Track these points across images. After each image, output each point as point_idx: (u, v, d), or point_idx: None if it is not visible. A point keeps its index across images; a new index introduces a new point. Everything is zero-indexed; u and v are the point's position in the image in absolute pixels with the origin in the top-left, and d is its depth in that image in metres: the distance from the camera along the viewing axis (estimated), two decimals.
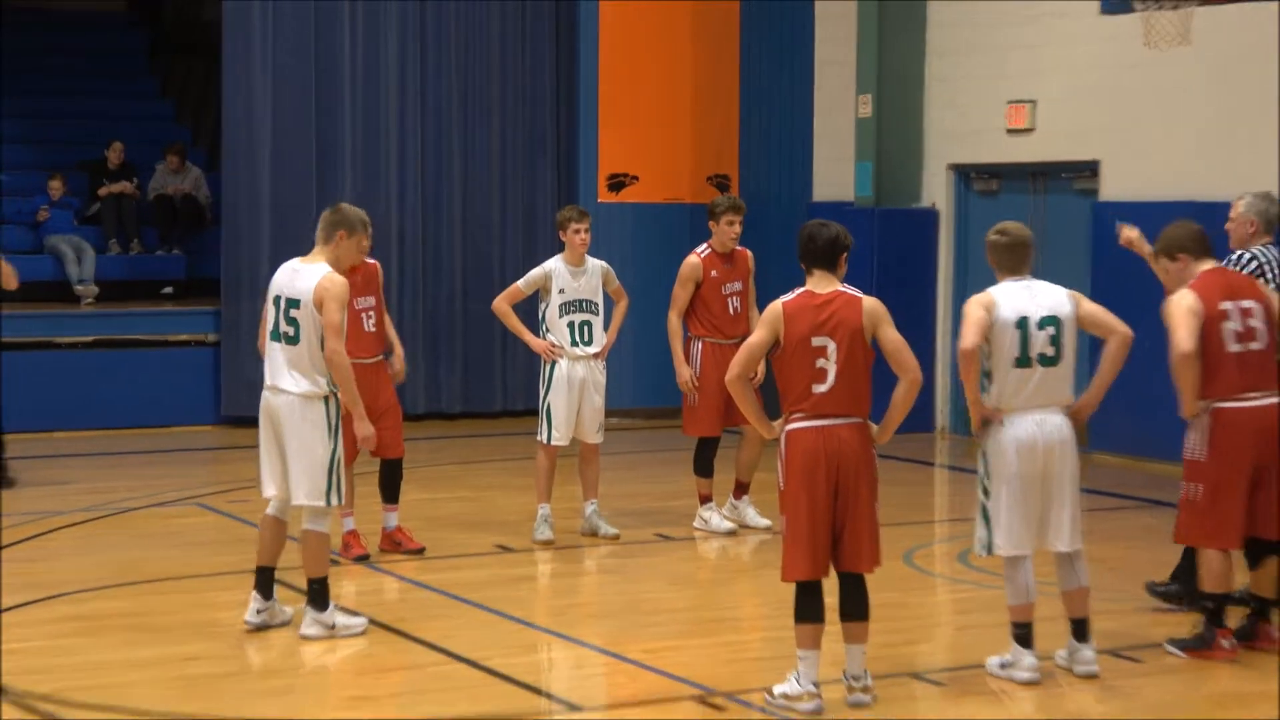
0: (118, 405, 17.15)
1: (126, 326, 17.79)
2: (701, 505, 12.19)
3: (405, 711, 8.07)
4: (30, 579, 10.67)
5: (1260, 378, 8.64)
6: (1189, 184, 14.37)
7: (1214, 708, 8.13)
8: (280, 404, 8.90)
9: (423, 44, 17.92)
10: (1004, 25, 16.43)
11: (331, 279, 8.75)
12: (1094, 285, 14.48)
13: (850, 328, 7.75)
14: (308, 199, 16.18)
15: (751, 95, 18.52)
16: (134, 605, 10.12)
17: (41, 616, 9.76)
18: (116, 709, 7.81)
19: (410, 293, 16.85)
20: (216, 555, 11.15)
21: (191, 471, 14.41)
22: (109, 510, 13.04)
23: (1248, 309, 8.63)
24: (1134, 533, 11.70)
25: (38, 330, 16.82)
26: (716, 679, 8.42)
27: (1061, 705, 8.11)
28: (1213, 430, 8.66)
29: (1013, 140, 16.47)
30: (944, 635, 9.69)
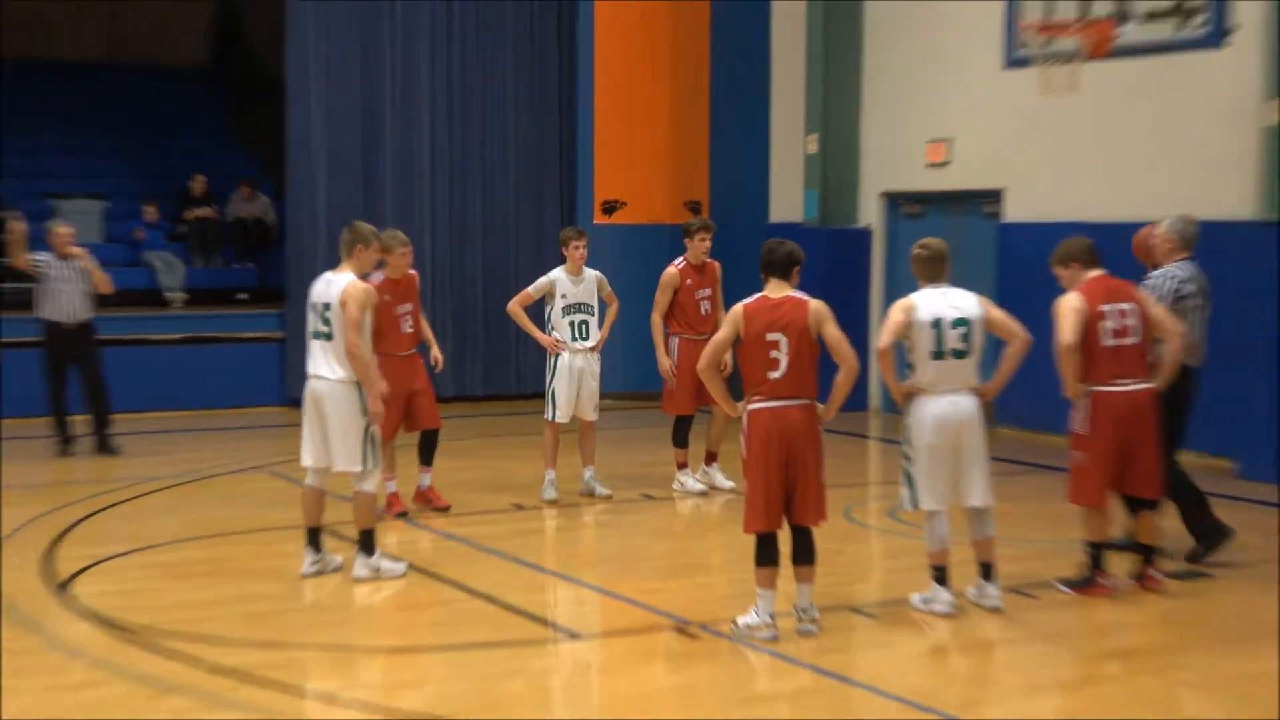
0: (200, 390, 17.15)
1: (208, 326, 17.77)
2: (679, 471, 12.21)
3: (437, 640, 8.09)
4: (131, 532, 10.70)
5: (1132, 368, 8.72)
6: (1078, 208, 14.33)
7: (1095, 634, 8.21)
8: (322, 388, 9.02)
9: (450, 88, 17.87)
10: (925, 77, 16.41)
11: (354, 285, 8.87)
12: (999, 292, 14.45)
13: (799, 325, 7.81)
14: (356, 219, 16.12)
15: (719, 134, 18.47)
16: (213, 554, 10.12)
17: (140, 562, 9.78)
18: (198, 637, 7.82)
19: (440, 296, 16.77)
20: (282, 513, 11.10)
21: (261, 445, 14.37)
22: (193, 476, 13.03)
23: (1125, 310, 8.72)
24: (1031, 493, 11.70)
25: (136, 329, 16.80)
26: (691, 612, 8.45)
27: (971, 633, 8.18)
28: (1093, 410, 8.74)
29: (933, 172, 16.45)
30: (876, 577, 9.69)
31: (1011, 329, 8.34)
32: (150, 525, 10.97)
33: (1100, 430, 8.70)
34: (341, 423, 8.93)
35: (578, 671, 7.73)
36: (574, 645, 8.07)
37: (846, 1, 17.19)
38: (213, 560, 9.90)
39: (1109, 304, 8.70)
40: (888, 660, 7.70)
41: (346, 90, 17.41)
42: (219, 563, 9.82)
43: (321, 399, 9.01)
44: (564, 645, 8.08)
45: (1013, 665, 7.66)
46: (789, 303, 7.90)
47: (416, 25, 17.69)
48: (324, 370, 8.98)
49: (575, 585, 9.44)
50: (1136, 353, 8.73)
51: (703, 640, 7.94)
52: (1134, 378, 8.71)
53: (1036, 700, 7.08)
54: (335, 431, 8.97)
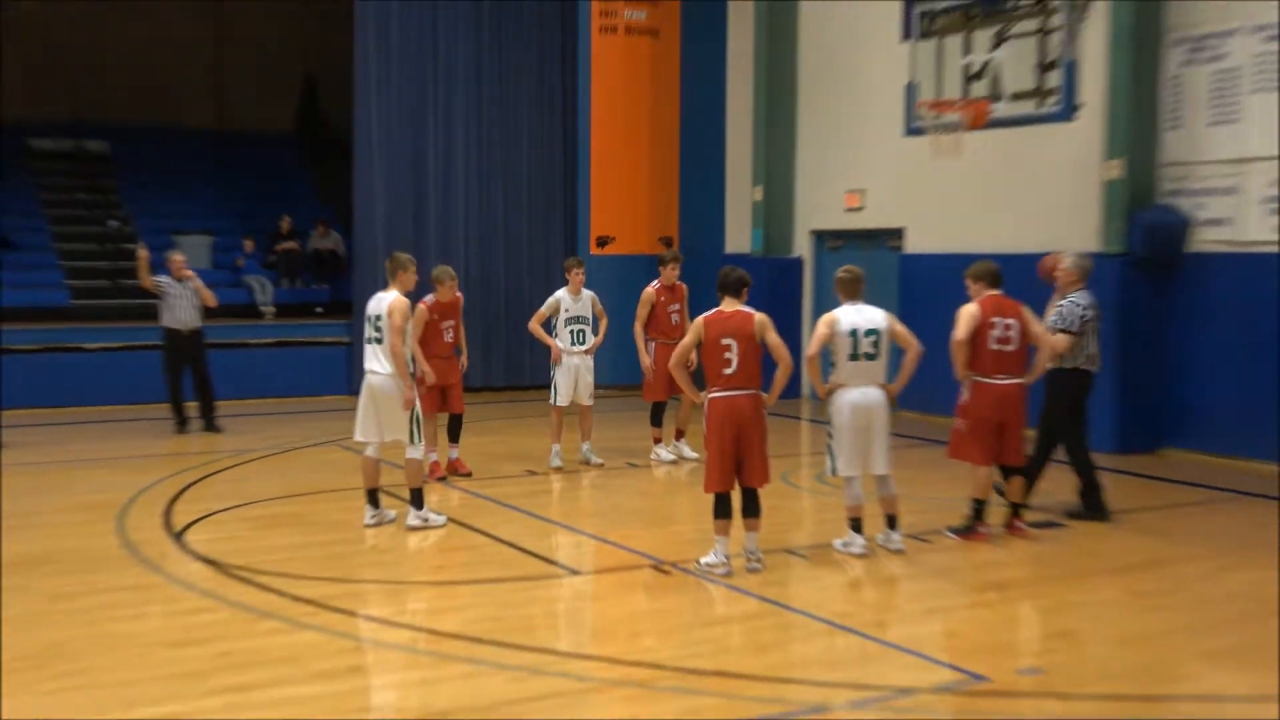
0: (285, 382, 17.08)
1: (291, 333, 17.67)
2: (655, 445, 12.17)
3: (468, 575, 8.08)
4: (233, 491, 10.66)
5: (1010, 368, 8.78)
6: (961, 243, 14.30)
7: (976, 570, 8.19)
8: (376, 381, 9.13)
9: (479, 148, 17.79)
10: (844, 142, 16.39)
11: (397, 300, 9.06)
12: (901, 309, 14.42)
13: (746, 333, 7.87)
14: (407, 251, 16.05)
15: (687, 185, 18.41)
16: (295, 509, 10.09)
17: (238, 516, 9.75)
18: (284, 574, 7.83)
19: (471, 309, 16.49)
20: (348, 478, 11.03)
21: (331, 425, 14.27)
22: (279, 449, 13.00)
23: (1009, 324, 8.78)
24: (926, 461, 11.69)
25: (236, 335, 16.74)
26: (665, 553, 8.44)
27: (879, 570, 8.16)
28: (975, 393, 8.82)
29: (850, 215, 16.43)
30: (807, 526, 9.67)
31: (909, 340, 8.38)
32: (246, 487, 10.93)
33: (979, 409, 8.78)
34: (391, 407, 9.05)
35: (577, 599, 7.71)
36: (574, 580, 8.05)
37: (784, 86, 17.23)
38: (295, 514, 9.88)
39: (998, 318, 8.75)
40: (815, 591, 7.71)
41: (399, 152, 17.34)
42: (299, 516, 9.79)
43: (375, 389, 9.11)
44: (566, 580, 8.05)
45: (912, 595, 7.66)
46: (739, 315, 7.95)
47: (452, 103, 17.61)
48: (377, 367, 9.08)
49: (575, 533, 9.40)
50: (1015, 357, 8.78)
51: (673, 575, 7.93)
52: (1010, 375, 8.77)
53: (930, 622, 7.09)
54: (386, 413, 9.08)
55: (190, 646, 6.44)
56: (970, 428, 8.84)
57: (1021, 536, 8.93)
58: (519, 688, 5.87)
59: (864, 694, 5.82)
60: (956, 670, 6.14)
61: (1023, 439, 8.93)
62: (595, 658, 6.38)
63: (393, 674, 6.36)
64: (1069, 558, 8.49)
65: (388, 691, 6.08)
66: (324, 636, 6.63)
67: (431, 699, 5.87)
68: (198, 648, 6.42)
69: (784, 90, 17.24)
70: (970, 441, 8.85)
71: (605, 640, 6.82)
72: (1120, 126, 12.63)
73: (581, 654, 6.44)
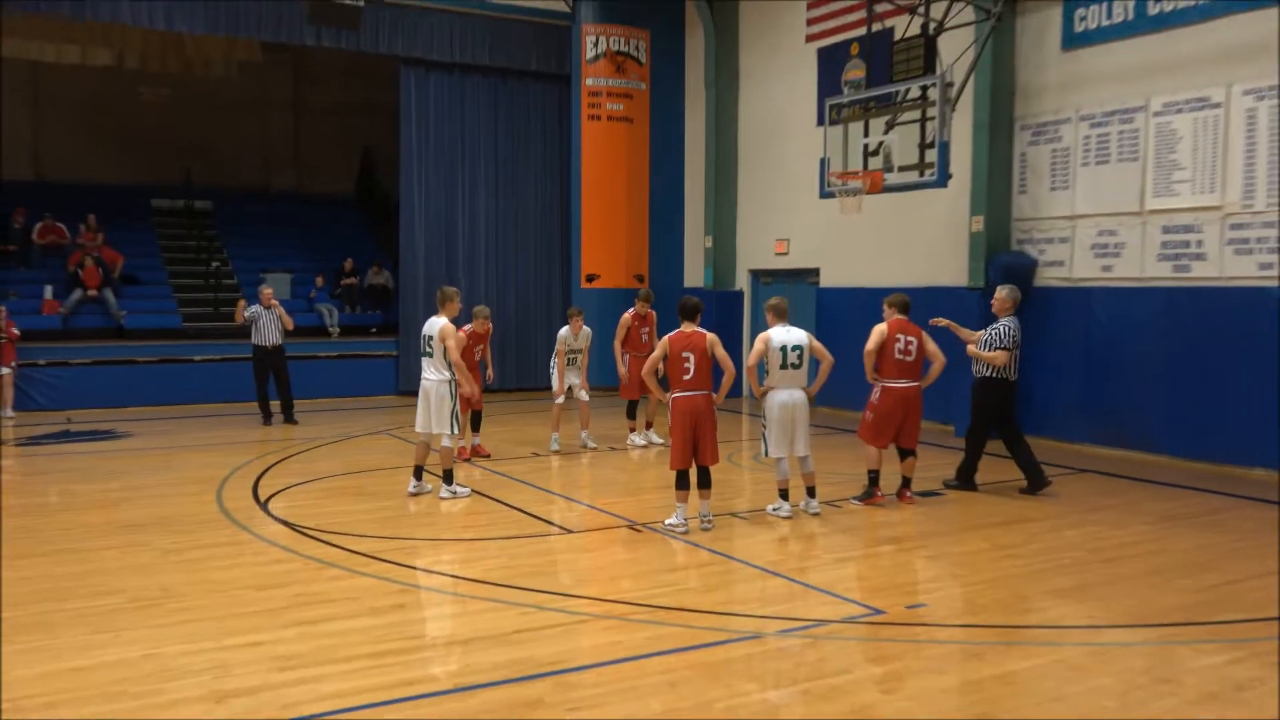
0: (348, 385, 16.94)
1: (352, 348, 17.52)
2: (630, 433, 12.12)
3: (487, 533, 7.97)
4: (304, 469, 10.56)
5: (909, 374, 8.81)
6: (862, 280, 14.37)
7: (875, 528, 8.13)
8: (429, 385, 9.06)
9: (496, 207, 17.71)
10: (774, 202, 16.45)
11: (446, 325, 9.02)
12: (817, 329, 14.46)
13: (701, 348, 7.87)
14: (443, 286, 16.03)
15: (655, 234, 18.30)
16: (355, 483, 9.95)
17: (311, 488, 9.64)
18: (345, 533, 7.75)
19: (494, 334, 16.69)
20: (396, 458, 10.98)
21: (382, 418, 14.22)
22: (343, 437, 12.87)
23: (910, 340, 8.84)
24: (836, 446, 11.69)
25: (309, 350, 16.59)
26: (638, 516, 8.39)
27: (800, 528, 8.12)
28: (882, 393, 8.84)
29: (779, 258, 16.46)
30: (746, 495, 9.62)
31: (824, 354, 8.40)
32: (317, 466, 10.80)
33: (885, 405, 8.80)
34: (439, 405, 8.99)
35: (571, 551, 7.62)
36: (569, 536, 7.96)
37: (728, 160, 17.21)
38: (354, 487, 9.74)
39: (902, 335, 8.80)
40: (752, 544, 7.64)
41: (434, 210, 17.25)
42: (359, 488, 9.67)
43: (429, 391, 9.05)
44: (563, 537, 7.96)
45: (826, 547, 7.61)
46: (696, 334, 7.94)
47: (475, 173, 17.52)
48: (430, 375, 9.04)
49: (570, 500, 9.30)
50: (913, 366, 8.82)
51: (644, 534, 7.87)
52: (909, 379, 8.80)
53: (840, 568, 7.05)
54: (434, 410, 9.02)
55: (271, 589, 6.37)
56: (875, 419, 8.85)
57: (909, 503, 8.92)
58: (526, 619, 5.81)
59: (790, 624, 5.79)
60: (860, 605, 6.11)
61: (918, 428, 8.99)
62: (584, 596, 6.31)
63: (429, 609, 6.28)
64: (946, 519, 8.47)
65: (425, 623, 6.01)
66: (375, 581, 6.55)
67: (459, 629, 5.81)
68: (277, 590, 6.35)
69: (728, 163, 17.28)
70: (873, 428, 8.87)
71: (591, 583, 6.75)
72: (981, 191, 12.70)
73: (573, 594, 6.37)
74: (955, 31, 12.20)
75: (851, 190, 11.59)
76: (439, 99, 17.21)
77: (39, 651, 5.29)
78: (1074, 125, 12.09)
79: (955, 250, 13.23)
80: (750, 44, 16.96)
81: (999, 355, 9.17)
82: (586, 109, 17.62)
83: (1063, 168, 12.24)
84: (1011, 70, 12.66)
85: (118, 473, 10.42)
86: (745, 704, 4.67)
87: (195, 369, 16.07)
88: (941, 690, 4.89)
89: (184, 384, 15.90)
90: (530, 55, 17.54)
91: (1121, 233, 11.61)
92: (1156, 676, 5.02)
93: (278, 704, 4.64)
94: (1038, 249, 12.51)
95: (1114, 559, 7.17)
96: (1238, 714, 4.60)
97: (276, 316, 13.95)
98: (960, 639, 5.62)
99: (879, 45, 13.23)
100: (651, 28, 17.90)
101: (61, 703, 4.66)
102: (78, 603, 6.11)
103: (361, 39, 16.07)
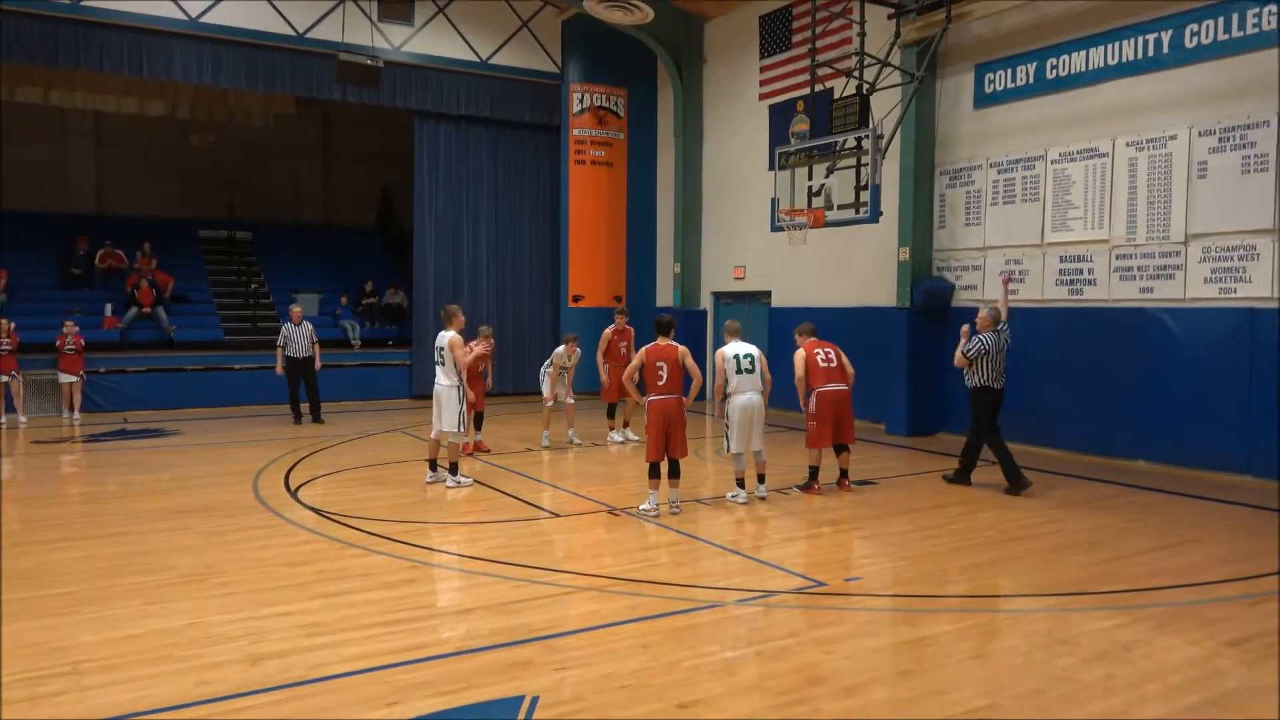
0: (368, 390, 16.77)
1: (372, 358, 17.32)
2: (610, 431, 12.07)
3: (488, 517, 7.91)
4: (331, 463, 10.44)
5: (835, 378, 8.76)
6: (807, 300, 14.39)
7: (815, 513, 8.11)
8: (441, 390, 9.00)
9: (496, 235, 17.58)
10: (733, 234, 16.46)
11: (453, 338, 8.98)
12: (769, 345, 14.48)
13: (673, 358, 7.90)
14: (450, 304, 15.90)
15: (631, 259, 18.22)
16: (374, 474, 9.85)
17: (335, 479, 9.53)
18: (365, 517, 7.67)
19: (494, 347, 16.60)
20: (408, 452, 10.89)
21: (398, 418, 14.09)
22: (363, 435, 12.72)
23: (829, 351, 8.83)
24: (787, 443, 11.67)
25: (335, 359, 16.40)
26: (617, 502, 8.34)
27: (755, 513, 8.08)
28: (817, 400, 8.77)
29: (737, 282, 16.46)
30: (710, 483, 9.59)
31: (767, 373, 8.56)
32: (341, 459, 10.68)
33: (821, 409, 8.73)
34: (448, 407, 8.93)
35: (559, 532, 7.56)
36: (556, 520, 7.89)
37: (694, 199, 17.22)
38: (373, 477, 9.63)
39: (820, 349, 8.80)
40: (714, 526, 7.61)
41: (443, 240, 17.12)
42: (377, 479, 9.56)
43: (440, 395, 8.98)
44: (551, 520, 7.91)
45: (776, 529, 7.60)
46: (669, 346, 7.97)
47: (478, 208, 17.40)
48: (441, 379, 8.97)
49: (557, 489, 9.23)
50: (837, 371, 8.78)
51: (621, 517, 7.83)
52: (836, 383, 8.76)
53: (789, 546, 7.04)
54: (444, 412, 8.96)
55: (299, 566, 6.29)
56: (817, 425, 8.78)
57: (848, 491, 8.91)
58: (520, 591, 5.77)
59: (746, 594, 5.76)
60: (805, 578, 6.10)
61: (852, 425, 8.94)
62: (569, 571, 6.26)
63: (436, 584, 6.22)
64: (877, 504, 8.46)
65: (432, 595, 5.94)
66: (389, 559, 6.48)
67: (461, 600, 5.75)
68: (304, 566, 6.27)
69: (694, 201, 17.27)
70: (816, 435, 8.80)
71: (576, 560, 6.70)
72: (907, 226, 12.76)
73: (560, 569, 6.32)
74: (885, 91, 12.29)
75: (798, 225, 11.62)
76: (448, 146, 17.12)
77: (98, 620, 5.20)
78: (985, 171, 12.18)
79: (885, 276, 13.29)
80: (712, 101, 17.00)
81: (958, 358, 8.97)
82: (573, 155, 17.59)
83: (975, 207, 12.32)
84: (932, 124, 12.75)
85: (168, 465, 10.28)
86: (708, 663, 4.65)
87: (236, 376, 15.86)
88: (874, 650, 4.89)
89: (226, 389, 15.71)
90: (525, 109, 17.49)
91: (1025, 262, 11.70)
92: (1056, 638, 5.04)
93: (304, 665, 4.58)
94: (955, 275, 12.58)
95: (1020, 538, 7.19)
96: (1124, 670, 4.63)
97: (306, 331, 13.88)
98: (890, 607, 5.62)
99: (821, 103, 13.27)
100: (629, 87, 17.91)
101: (119, 665, 4.58)
102: (132, 579, 6.02)
103: (381, 95, 15.98)
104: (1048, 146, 11.42)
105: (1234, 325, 9.54)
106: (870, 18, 12.16)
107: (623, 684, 4.41)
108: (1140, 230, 10.44)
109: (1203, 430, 9.81)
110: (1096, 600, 5.71)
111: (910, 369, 12.60)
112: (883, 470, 10.00)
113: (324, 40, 15.41)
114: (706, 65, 17.08)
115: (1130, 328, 10.40)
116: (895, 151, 12.62)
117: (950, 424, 12.57)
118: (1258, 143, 9.41)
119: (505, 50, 17.16)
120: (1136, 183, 10.47)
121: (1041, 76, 11.43)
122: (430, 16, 16.50)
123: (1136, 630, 5.18)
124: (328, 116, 22.66)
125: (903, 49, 12.42)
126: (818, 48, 12.47)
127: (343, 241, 22.20)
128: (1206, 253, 9.83)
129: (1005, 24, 11.78)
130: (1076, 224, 11.11)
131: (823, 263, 14.39)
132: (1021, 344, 11.70)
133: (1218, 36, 9.70)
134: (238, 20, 14.92)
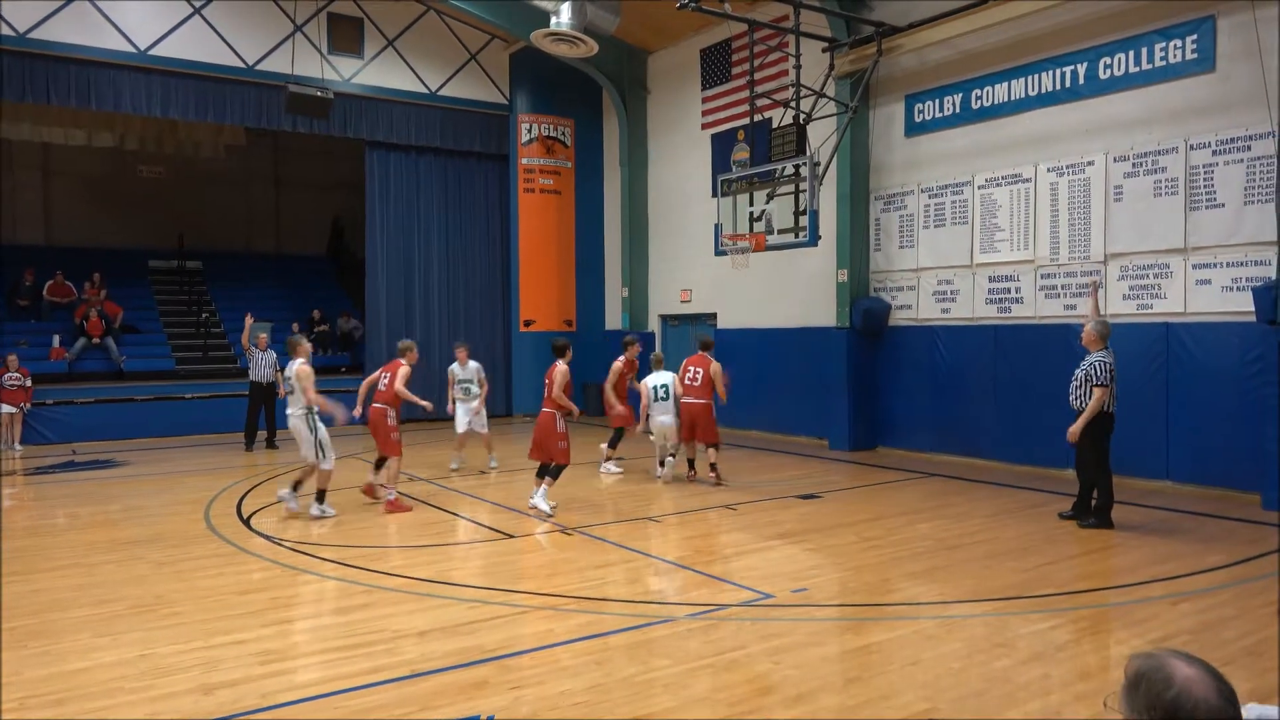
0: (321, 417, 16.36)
1: (325, 385, 16.57)
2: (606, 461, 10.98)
3: (440, 540, 7.76)
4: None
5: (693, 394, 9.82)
6: (749, 321, 14.50)
7: (765, 525, 8.12)
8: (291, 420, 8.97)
9: (449, 262, 17.45)
10: (680, 259, 16.56)
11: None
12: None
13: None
14: (400, 335, 15.70)
15: (581, 284, 18.23)
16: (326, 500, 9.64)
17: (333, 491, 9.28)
18: (316, 543, 7.49)
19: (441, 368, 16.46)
20: (363, 478, 10.68)
21: (351, 444, 13.80)
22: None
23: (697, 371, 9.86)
24: (735, 458, 11.67)
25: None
26: (568, 523, 8.23)
27: (704, 527, 8.05)
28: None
29: (683, 304, 16.53)
30: (659, 502, 9.60)
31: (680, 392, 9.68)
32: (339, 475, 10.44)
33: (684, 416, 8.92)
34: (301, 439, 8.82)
35: (512, 553, 7.46)
36: (510, 541, 7.79)
37: (640, 224, 17.30)
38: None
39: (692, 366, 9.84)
40: (665, 544, 7.59)
41: (394, 267, 16.96)
42: (330, 504, 9.34)
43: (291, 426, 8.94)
44: (505, 541, 7.81)
45: (726, 543, 7.59)
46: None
47: (429, 236, 17.28)
48: (290, 409, 8.93)
49: (510, 510, 9.15)
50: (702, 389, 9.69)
51: (574, 536, 7.77)
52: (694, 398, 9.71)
53: (737, 560, 7.04)
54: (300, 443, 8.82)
55: (252, 593, 6.12)
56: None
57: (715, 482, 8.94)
58: (473, 612, 5.67)
59: (696, 608, 5.74)
60: (753, 591, 6.10)
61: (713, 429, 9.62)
62: (523, 591, 6.18)
63: (389, 607, 6.06)
64: (822, 518, 8.51)
65: (386, 619, 5.79)
66: (342, 584, 6.35)
67: (415, 623, 5.62)
68: (257, 594, 6.11)
69: (640, 227, 17.35)
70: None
71: (529, 579, 6.63)
72: (845, 249, 12.96)
73: (513, 589, 6.25)
74: (821, 121, 12.51)
75: (740, 249, 11.73)
76: (399, 175, 16.99)
77: (46, 655, 5.00)
78: (916, 196, 12.44)
79: (825, 297, 13.46)
80: (657, 130, 17.14)
81: (1098, 393, 7.54)
82: (522, 183, 17.60)
83: (908, 230, 12.56)
84: (866, 152, 12.99)
85: (117, 496, 9.96)
86: (660, 677, 4.61)
87: (186, 405, 15.48)
88: (821, 659, 4.90)
89: (176, 418, 15.30)
90: (475, 139, 17.46)
91: (956, 282, 11.95)
92: (994, 641, 5.11)
93: (258, 693, 4.44)
94: (890, 295, 12.79)
95: (957, 546, 7.29)
96: (1060, 670, 4.71)
97: (269, 358, 13.72)
98: (835, 616, 5.65)
99: (760, 132, 13.47)
100: (575, 116, 17.99)
101: (67, 699, 4.40)
102: (81, 611, 5.80)
103: (332, 125, 15.83)
104: (975, 172, 11.70)
105: (1152, 339, 9.84)
106: (805, 51, 12.38)
107: (577, 700, 4.36)
108: (1063, 250, 10.74)
109: (1124, 438, 10.02)
110: (1031, 604, 5.80)
111: (851, 386, 12.74)
112: (826, 484, 10.06)
113: (274, 72, 15.22)
114: (650, 96, 17.23)
115: (1056, 343, 10.65)
116: (832, 178, 12.83)
117: (889, 439, 12.74)
118: (1168, 168, 9.76)
119: (454, 82, 17.13)
120: (1058, 206, 10.78)
121: (967, 106, 11.73)
122: (380, 49, 16.43)
123: (1069, 631, 5.27)
124: (279, 146, 22.35)
125: (837, 80, 12.67)
126: (756, 79, 12.67)
127: (295, 270, 21.89)
128: (1124, 271, 10.15)
129: (932, 57, 12.09)
130: (1004, 245, 11.39)
131: (766, 285, 14.53)
132: (954, 361, 11.92)
133: (1129, 69, 10.06)
134: (188, 53, 14.69)
